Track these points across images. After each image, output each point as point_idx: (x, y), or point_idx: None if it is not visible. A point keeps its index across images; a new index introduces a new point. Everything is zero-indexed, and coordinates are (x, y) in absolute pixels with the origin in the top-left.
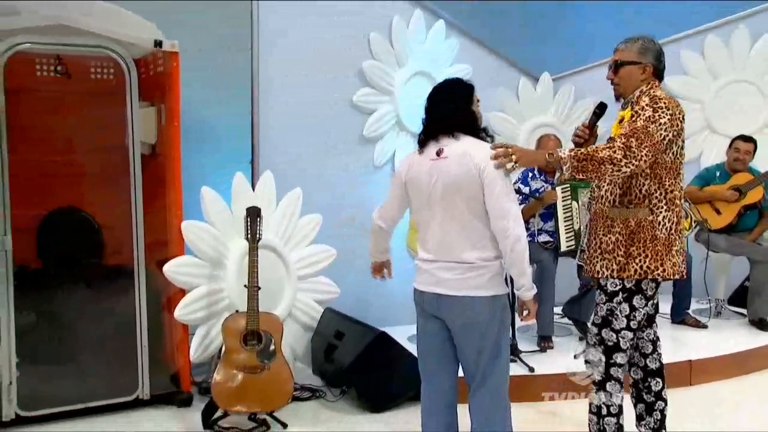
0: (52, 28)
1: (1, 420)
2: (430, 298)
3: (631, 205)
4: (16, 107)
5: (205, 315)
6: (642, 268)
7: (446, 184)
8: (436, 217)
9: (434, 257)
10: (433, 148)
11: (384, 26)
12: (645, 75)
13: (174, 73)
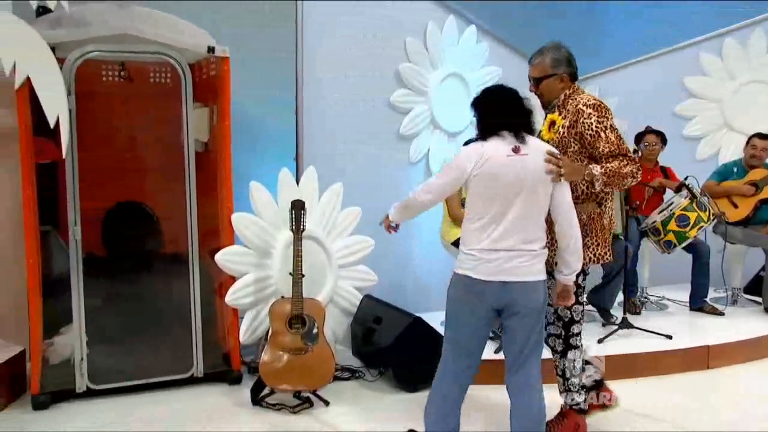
0: (117, 36)
1: (75, 392)
2: (495, 287)
3: (579, 201)
4: (85, 109)
5: (254, 300)
6: (595, 254)
7: (531, 179)
8: (512, 209)
9: (503, 247)
10: (507, 145)
11: (419, 31)
12: (563, 83)
13: (225, 76)
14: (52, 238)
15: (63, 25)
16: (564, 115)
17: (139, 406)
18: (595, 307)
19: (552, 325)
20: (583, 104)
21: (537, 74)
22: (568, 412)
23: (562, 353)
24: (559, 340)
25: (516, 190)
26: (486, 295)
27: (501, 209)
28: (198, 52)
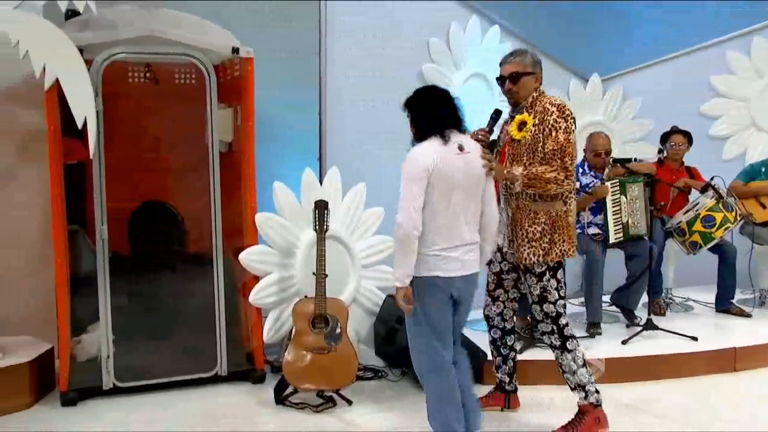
0: (143, 38)
1: (102, 389)
2: (458, 281)
3: (548, 199)
4: (111, 110)
5: (277, 300)
6: (561, 251)
7: (475, 176)
8: (463, 205)
9: (461, 243)
10: (453, 143)
11: (442, 31)
12: (537, 83)
13: (249, 77)
14: (80, 237)
15: (91, 28)
16: (533, 115)
17: (164, 404)
18: (619, 308)
19: (542, 323)
20: (549, 103)
21: (517, 69)
22: (586, 408)
23: (561, 347)
24: (555, 336)
25: (465, 187)
26: (452, 289)
27: (455, 206)
28: (222, 53)
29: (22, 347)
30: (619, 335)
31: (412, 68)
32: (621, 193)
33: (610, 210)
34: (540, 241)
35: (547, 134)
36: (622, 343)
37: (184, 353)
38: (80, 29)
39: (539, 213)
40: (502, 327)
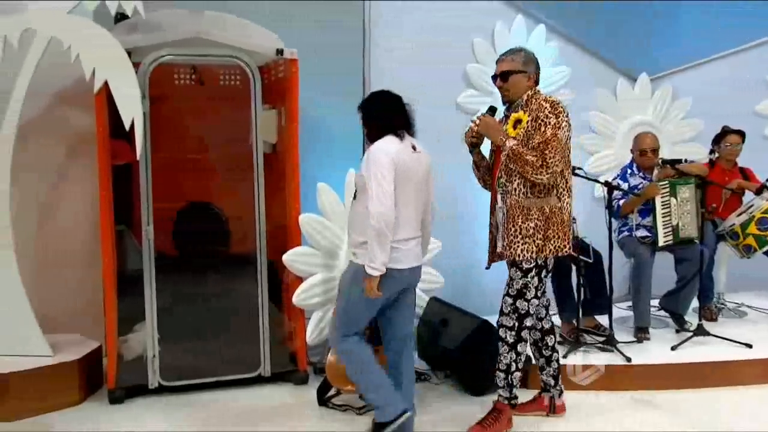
0: (189, 40)
1: (147, 387)
2: (410, 272)
3: (542, 195)
4: (158, 112)
5: (320, 301)
6: (556, 247)
7: (424, 175)
8: (415, 201)
9: (413, 236)
10: (407, 143)
11: (487, 31)
12: (530, 82)
13: (293, 78)
14: (126, 237)
15: (139, 31)
16: (528, 113)
17: (208, 404)
18: (668, 312)
19: (506, 316)
20: (543, 100)
21: (508, 68)
22: (503, 407)
23: (512, 345)
24: (512, 332)
25: (417, 183)
26: (403, 281)
27: (410, 200)
28: (267, 54)
29: (71, 345)
30: (669, 341)
31: (456, 69)
32: (671, 195)
33: (659, 212)
34: (533, 237)
35: (536, 129)
36: (671, 349)
37: (227, 353)
38: (128, 32)
39: (531, 209)
40: (540, 327)
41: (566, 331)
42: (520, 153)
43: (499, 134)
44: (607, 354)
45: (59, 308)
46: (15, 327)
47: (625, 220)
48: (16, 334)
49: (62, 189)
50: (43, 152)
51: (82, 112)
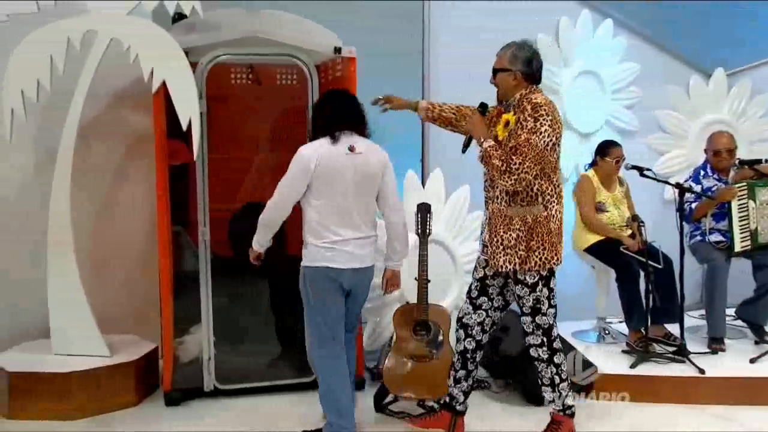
0: (247, 39)
1: (203, 390)
2: (351, 273)
3: (524, 203)
4: (215, 112)
5: (378, 305)
6: (541, 259)
7: (367, 175)
8: (352, 202)
9: (352, 237)
10: (344, 144)
11: (551, 26)
12: (516, 81)
13: (351, 77)
14: (182, 238)
15: (196, 30)
16: (517, 115)
17: (264, 408)
18: (746, 323)
19: (531, 335)
20: (528, 101)
21: (496, 65)
22: (562, 419)
23: (548, 360)
24: (543, 348)
25: (356, 184)
26: (342, 280)
27: (346, 203)
28: (324, 52)
29: (128, 346)
30: (747, 353)
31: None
32: (749, 198)
33: (735, 216)
34: (515, 248)
35: (514, 132)
36: (749, 362)
37: (283, 357)
38: (186, 32)
39: (514, 218)
40: (479, 339)
41: (634, 340)
42: (490, 155)
43: (481, 134)
44: (678, 365)
45: (115, 309)
46: (74, 327)
47: (698, 224)
48: (75, 334)
49: (120, 189)
50: (101, 153)
51: (140, 112)
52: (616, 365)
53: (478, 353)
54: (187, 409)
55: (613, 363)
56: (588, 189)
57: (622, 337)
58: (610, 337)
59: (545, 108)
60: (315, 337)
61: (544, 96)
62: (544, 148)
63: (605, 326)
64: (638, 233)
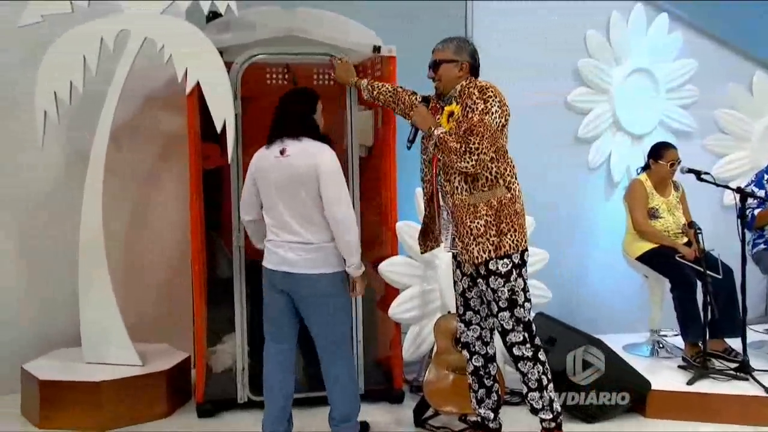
0: (283, 39)
1: (237, 402)
2: (279, 275)
3: (486, 188)
4: (250, 113)
5: (418, 315)
6: (513, 242)
7: (296, 178)
8: (284, 206)
9: (283, 240)
10: (278, 147)
11: (601, 22)
12: (462, 72)
13: (391, 77)
14: (216, 244)
15: (231, 30)
16: (461, 104)
17: (299, 421)
18: None
19: (511, 332)
20: (473, 87)
21: (438, 57)
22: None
23: (534, 358)
24: (527, 345)
25: (286, 188)
26: (276, 282)
27: (279, 206)
28: (363, 51)
29: (160, 355)
30: None
31: (566, 65)
32: None
33: None
34: (486, 235)
35: (465, 116)
36: None
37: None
38: (221, 31)
39: (478, 205)
40: (485, 353)
41: (691, 354)
42: (445, 141)
43: (430, 123)
44: (740, 383)
45: (147, 317)
46: (105, 334)
47: (761, 231)
48: (106, 342)
49: (152, 193)
50: (134, 156)
51: (173, 114)
52: (672, 381)
53: (490, 366)
54: (219, 421)
55: (668, 379)
56: (640, 194)
57: (677, 351)
58: (664, 352)
59: (492, 90)
60: (266, 331)
61: (487, 82)
62: (496, 129)
63: (659, 340)
64: (695, 241)
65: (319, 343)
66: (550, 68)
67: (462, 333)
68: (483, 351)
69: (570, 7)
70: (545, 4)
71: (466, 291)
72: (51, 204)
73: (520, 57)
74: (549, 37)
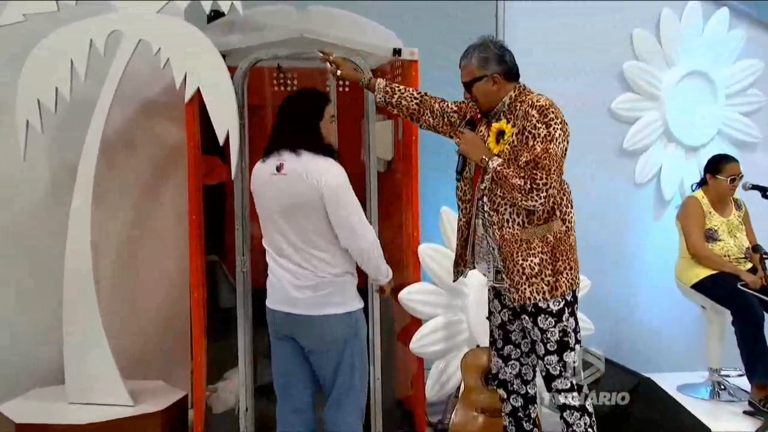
0: (292, 41)
1: None
2: (285, 319)
3: (542, 221)
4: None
5: (443, 348)
6: (569, 281)
7: (292, 199)
8: (281, 231)
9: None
10: (275, 162)
11: (650, 19)
12: (497, 84)
13: (413, 83)
14: (218, 269)
15: (235, 31)
16: (513, 122)
17: None
18: None
19: (559, 379)
20: (530, 105)
21: (465, 78)
22: None
23: (581, 408)
24: (574, 394)
25: (281, 212)
26: (278, 326)
27: (273, 233)
28: (382, 55)
29: (154, 394)
30: None
31: (610, 68)
32: None
33: None
34: (541, 275)
35: (524, 143)
36: None
37: None
38: (224, 33)
39: (533, 242)
40: (524, 393)
41: (759, 398)
42: (506, 176)
43: (481, 152)
44: None
45: (140, 350)
46: (92, 371)
47: None
48: (93, 380)
49: (147, 212)
50: (127, 170)
51: (171, 124)
52: (736, 429)
53: (530, 408)
54: None
55: (732, 426)
56: (696, 214)
57: (742, 393)
58: (726, 394)
59: (553, 110)
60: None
61: (544, 96)
62: (561, 155)
63: (720, 380)
64: (761, 267)
65: (327, 390)
66: (591, 72)
67: (499, 369)
68: (523, 390)
69: (614, 3)
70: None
71: (507, 324)
72: (33, 223)
73: (558, 59)
74: (590, 37)
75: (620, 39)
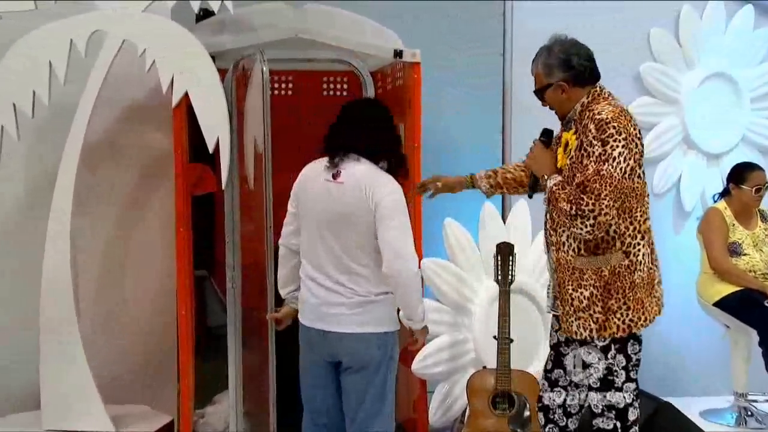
0: (287, 41)
1: None
2: (319, 337)
3: (599, 251)
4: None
5: (447, 370)
6: (624, 322)
7: (339, 210)
8: (324, 244)
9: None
10: (330, 169)
11: (669, 18)
12: (566, 92)
13: (415, 86)
14: (207, 285)
15: (225, 31)
16: (578, 133)
17: None
18: None
19: (600, 417)
20: (589, 118)
21: (535, 87)
22: None
23: None
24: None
25: (327, 222)
26: (313, 344)
27: (318, 242)
28: (382, 56)
29: (138, 419)
30: None
31: (626, 70)
32: None
33: None
34: (590, 310)
35: (579, 162)
36: None
37: None
38: (213, 33)
39: (585, 272)
40: (564, 425)
41: None
42: (557, 198)
43: (544, 168)
44: None
45: (123, 372)
46: (70, 394)
47: None
48: (72, 405)
49: (131, 224)
50: (110, 179)
51: (157, 130)
52: None
53: None
54: None
55: None
56: (719, 226)
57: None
58: (753, 421)
59: (616, 124)
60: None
61: (613, 104)
62: (621, 177)
63: (746, 405)
64: None
65: (349, 415)
66: (605, 74)
67: (544, 392)
68: (563, 422)
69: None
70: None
71: (562, 345)
72: (7, 236)
73: None
74: (605, 37)
75: (636, 39)
